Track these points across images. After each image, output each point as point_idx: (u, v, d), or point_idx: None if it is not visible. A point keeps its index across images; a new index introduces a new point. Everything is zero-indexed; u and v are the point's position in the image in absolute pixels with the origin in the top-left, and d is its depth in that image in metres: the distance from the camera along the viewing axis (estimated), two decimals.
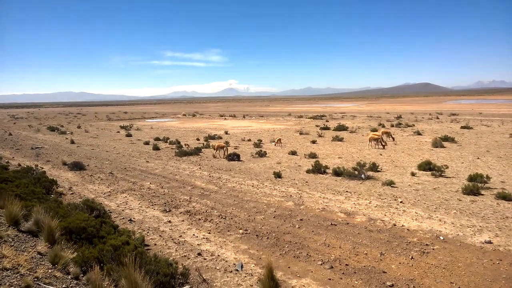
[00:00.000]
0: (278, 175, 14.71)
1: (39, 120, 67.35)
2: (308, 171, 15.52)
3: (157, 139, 29.93)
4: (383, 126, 36.33)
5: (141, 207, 11.05)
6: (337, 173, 14.64)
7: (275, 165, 17.57)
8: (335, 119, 51.76)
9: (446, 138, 24.22)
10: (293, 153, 20.74)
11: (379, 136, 22.89)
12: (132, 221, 9.73)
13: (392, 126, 37.22)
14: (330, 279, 6.43)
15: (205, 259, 7.30)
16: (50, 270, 4.84)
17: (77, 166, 17.02)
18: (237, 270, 6.78)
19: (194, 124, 49.66)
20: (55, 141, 30.37)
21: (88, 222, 6.84)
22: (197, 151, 21.79)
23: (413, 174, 14.50)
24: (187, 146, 24.37)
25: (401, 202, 10.83)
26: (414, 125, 37.02)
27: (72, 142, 28.86)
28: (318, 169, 15.36)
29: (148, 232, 8.84)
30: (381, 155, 19.75)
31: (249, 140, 28.20)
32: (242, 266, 6.90)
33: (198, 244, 8.06)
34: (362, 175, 13.92)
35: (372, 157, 19.05)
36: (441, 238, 8.06)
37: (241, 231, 8.86)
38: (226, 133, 34.93)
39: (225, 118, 62.08)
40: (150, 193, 12.74)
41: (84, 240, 6.43)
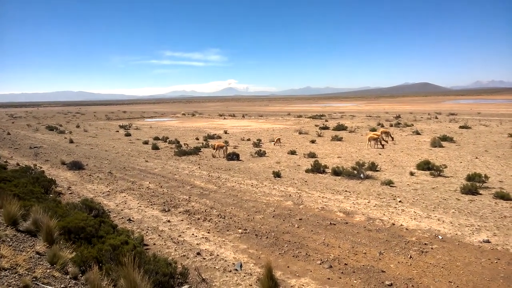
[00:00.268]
0: (277, 174, 14.72)
1: (37, 119, 67.22)
2: (307, 171, 15.53)
3: (156, 138, 29.91)
4: (382, 126, 36.37)
5: (140, 206, 11.04)
6: (336, 172, 14.65)
7: (274, 164, 17.57)
8: (334, 118, 51.78)
9: (445, 138, 24.25)
10: (292, 152, 20.75)
11: (379, 136, 22.91)
12: (131, 220, 9.72)
13: (391, 125, 37.25)
14: (329, 278, 6.44)
15: (204, 258, 7.30)
16: (48, 270, 4.83)
17: (76, 166, 17.00)
18: (236, 269, 6.78)
19: (193, 124, 49.63)
20: (53, 141, 30.32)
21: (87, 221, 6.83)
22: (196, 150, 21.78)
23: (412, 174, 14.53)
24: (186, 145, 24.35)
25: (400, 201, 10.85)
26: (413, 125, 37.05)
27: (71, 141, 28.82)
28: (317, 168, 15.38)
29: (147, 232, 8.83)
30: (380, 154, 19.77)
31: (249, 140, 28.20)
32: (241, 266, 6.90)
33: (197, 244, 8.07)
34: (361, 175, 13.93)
35: (371, 156, 19.07)
36: (440, 237, 8.07)
37: (240, 230, 8.87)
38: (226, 132, 34.92)
39: (225, 118, 62.05)
40: (149, 192, 12.73)
41: (83, 239, 6.43)
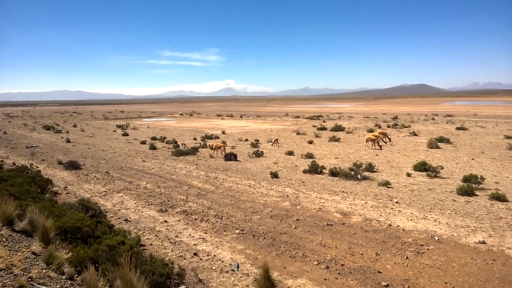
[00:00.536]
0: (275, 175, 14.72)
1: (34, 118, 66.91)
2: (304, 171, 15.54)
3: (154, 138, 29.84)
4: (380, 127, 36.46)
5: (137, 206, 11.02)
6: (334, 173, 14.68)
7: (272, 165, 17.58)
8: (332, 119, 51.87)
9: (442, 139, 24.34)
10: (290, 153, 20.76)
11: (377, 137, 22.93)
12: (128, 220, 9.70)
13: (389, 126, 37.36)
14: (325, 279, 6.45)
15: (201, 259, 7.29)
16: (44, 270, 4.81)
17: (73, 165, 16.95)
18: (233, 270, 6.78)
19: (191, 124, 49.57)
20: (50, 140, 30.21)
21: (83, 221, 6.81)
22: (194, 150, 21.74)
23: (408, 175, 14.57)
24: (184, 145, 24.33)
25: (396, 202, 10.88)
26: (410, 126, 37.16)
27: (68, 141, 28.72)
28: (315, 169, 15.39)
29: (144, 232, 8.81)
30: (377, 155, 19.82)
31: (246, 140, 28.20)
32: (238, 266, 6.90)
33: (194, 244, 8.06)
34: (358, 176, 13.96)
35: (368, 157, 19.12)
36: (436, 238, 8.10)
37: (237, 231, 8.86)
38: (223, 132, 34.90)
39: (222, 118, 62.01)
40: (146, 192, 12.70)
41: (79, 240, 6.41)
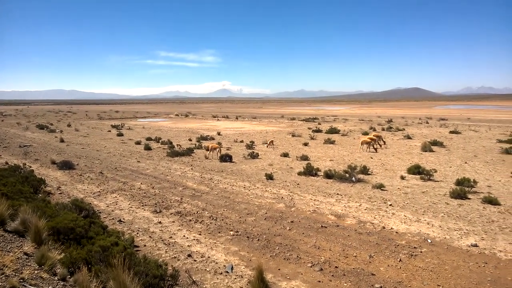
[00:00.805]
0: (269, 177, 14.74)
1: (28, 117, 66.34)
2: (299, 173, 15.58)
3: (149, 139, 29.73)
4: (374, 130, 36.66)
5: (131, 207, 10.96)
6: (328, 175, 14.73)
7: (267, 166, 17.59)
8: (327, 122, 52.07)
9: (435, 143, 24.54)
10: (285, 155, 20.80)
11: (372, 140, 23.02)
12: (121, 221, 9.65)
13: (383, 129, 37.59)
14: (319, 281, 6.46)
15: (195, 260, 7.28)
16: (36, 271, 4.78)
17: (66, 165, 16.83)
18: (227, 272, 6.77)
19: (186, 125, 49.46)
20: (44, 140, 29.97)
21: (77, 222, 6.77)
22: (189, 151, 21.70)
23: (402, 178, 14.66)
24: (179, 146, 24.25)
25: (390, 205, 10.94)
26: (404, 129, 37.43)
27: (62, 140, 28.50)
28: (310, 171, 15.43)
29: (138, 233, 8.77)
30: (371, 158, 19.92)
31: (242, 142, 28.20)
32: (232, 268, 6.89)
33: (188, 246, 8.04)
34: (353, 178, 14.02)
35: (363, 160, 19.21)
36: (429, 241, 8.16)
37: (232, 232, 8.86)
38: (219, 134, 34.86)
39: (218, 119, 61.95)
40: (140, 193, 12.65)
41: (72, 240, 6.36)
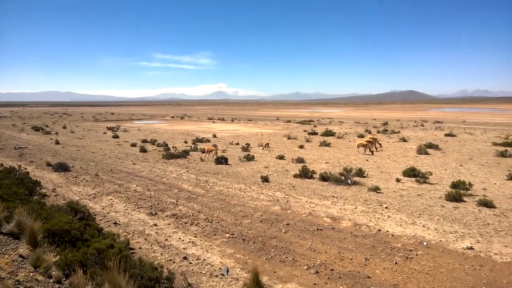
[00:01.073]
0: (265, 179, 14.74)
1: (23, 119, 65.92)
2: (295, 176, 15.59)
3: (145, 141, 29.63)
4: (370, 132, 36.82)
5: (126, 209, 10.92)
6: (324, 178, 14.76)
7: (262, 169, 17.60)
8: (322, 124, 52.21)
9: (431, 145, 24.66)
10: (281, 157, 20.82)
11: (368, 143, 23.09)
12: (117, 224, 9.60)
13: (379, 132, 37.74)
14: (315, 284, 6.47)
15: (190, 263, 7.26)
16: (31, 274, 4.74)
17: (62, 167, 16.73)
18: (222, 274, 6.76)
19: (182, 127, 49.37)
20: (39, 141, 29.77)
21: (72, 224, 6.73)
22: (184, 153, 21.65)
23: (398, 180, 14.72)
24: (174, 148, 24.20)
25: (386, 207, 10.98)
26: (399, 132, 37.61)
27: (57, 142, 28.33)
28: (305, 173, 15.46)
29: (133, 236, 8.74)
30: (367, 161, 19.99)
31: (237, 144, 28.19)
32: (228, 271, 6.88)
33: (184, 248, 8.01)
34: (349, 181, 14.06)
35: (358, 162, 19.27)
36: (425, 243, 8.20)
37: (227, 235, 8.85)
38: (214, 136, 34.83)
39: (214, 121, 61.91)
40: (136, 195, 12.60)
41: (68, 243, 6.32)
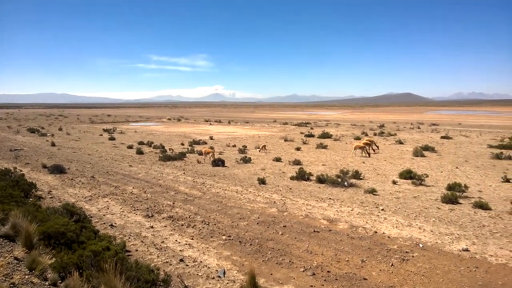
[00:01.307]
0: (262, 181, 14.74)
1: (18, 121, 65.61)
2: (292, 178, 15.61)
3: (141, 143, 29.57)
4: (366, 135, 36.94)
5: (123, 212, 10.88)
6: (321, 180, 14.78)
7: (259, 171, 17.60)
8: (319, 126, 52.32)
9: (427, 148, 24.78)
10: (278, 159, 20.83)
11: (366, 145, 23.16)
12: (113, 226, 9.57)
13: (375, 134, 37.88)
14: (312, 286, 6.47)
15: (187, 265, 7.24)
16: (27, 276, 4.72)
17: (58, 169, 16.65)
18: (219, 276, 6.75)
19: (178, 129, 49.31)
20: (35, 143, 29.63)
21: (68, 227, 6.70)
22: (181, 156, 21.62)
23: (394, 182, 14.77)
24: (171, 150, 24.17)
25: (382, 209, 11.01)
26: (396, 134, 37.75)
27: (53, 144, 28.20)
28: (302, 176, 15.47)
29: (129, 238, 8.71)
30: (363, 163, 20.04)
31: (234, 146, 28.19)
32: (224, 273, 6.87)
33: (180, 250, 8.00)
34: (345, 183, 14.09)
35: (355, 164, 19.32)
36: (421, 245, 8.23)
37: (224, 237, 8.84)
38: (211, 138, 34.81)
39: (210, 123, 61.89)
40: (132, 197, 12.56)
41: (63, 245, 6.29)
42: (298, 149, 26.21)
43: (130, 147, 27.03)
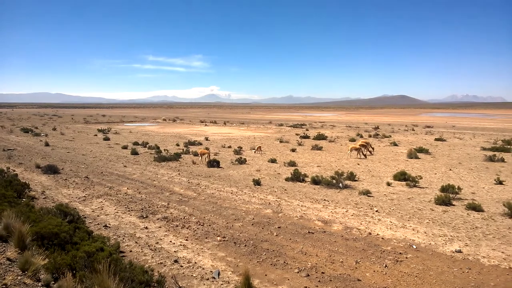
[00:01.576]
0: (257, 182, 14.75)
1: (12, 121, 65.07)
2: (287, 179, 15.63)
3: (136, 143, 29.46)
4: (361, 137, 37.09)
5: (117, 212, 10.83)
6: (316, 181, 14.82)
7: (254, 172, 17.61)
8: (315, 128, 52.46)
9: (421, 150, 24.95)
10: (273, 161, 20.86)
11: (362, 147, 23.24)
12: (107, 227, 9.52)
13: (370, 136, 38.04)
14: (306, 287, 6.49)
15: (181, 266, 7.23)
16: (19, 277, 4.69)
17: (51, 170, 16.54)
18: (214, 277, 6.74)
19: (174, 129, 49.18)
20: (28, 143, 29.41)
21: (61, 227, 6.67)
22: (176, 156, 21.57)
23: (388, 184, 14.85)
24: (166, 151, 24.10)
25: (376, 211, 11.07)
26: (390, 136, 37.96)
27: (47, 144, 28.00)
28: (297, 177, 15.51)
29: (123, 239, 8.67)
30: (358, 164, 20.13)
31: (229, 147, 28.17)
32: (219, 274, 6.87)
33: (175, 251, 7.98)
34: (340, 184, 14.14)
35: (350, 166, 19.40)
36: (414, 247, 8.28)
37: (219, 238, 8.83)
38: (207, 139, 34.76)
39: (206, 124, 61.80)
40: (127, 198, 12.51)
41: (57, 246, 6.26)
42: (293, 150, 26.26)
43: (124, 147, 26.91)
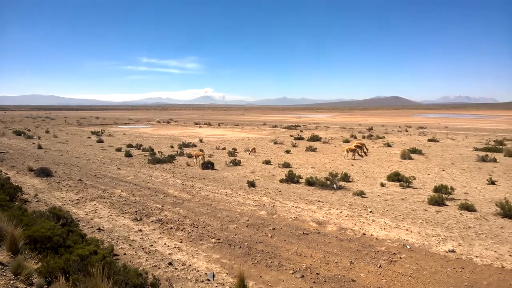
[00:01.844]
0: (251, 184, 14.75)
1: (4, 123, 64.35)
2: (281, 181, 15.66)
3: (130, 145, 29.29)
4: (355, 138, 37.28)
5: (111, 215, 10.76)
6: (310, 183, 14.86)
7: (249, 174, 17.61)
8: (309, 129, 52.62)
9: (414, 150, 25.13)
10: (267, 162, 20.88)
11: (357, 148, 23.36)
12: (101, 230, 9.46)
13: (364, 137, 38.25)
14: None
15: (176, 268, 7.20)
16: (12, 281, 4.64)
17: (44, 172, 16.39)
18: (208, 279, 6.73)
19: (168, 131, 49.02)
20: (21, 146, 29.11)
21: (54, 230, 6.61)
22: (170, 158, 21.50)
23: (382, 185, 14.94)
24: (160, 153, 24.00)
25: (370, 212, 11.12)
26: (384, 137, 38.20)
27: (40, 147, 27.74)
28: (291, 178, 15.53)
29: (117, 241, 8.62)
30: (352, 165, 20.22)
31: (224, 149, 28.14)
32: (213, 276, 6.85)
33: (169, 254, 7.94)
34: (334, 185, 14.19)
35: (344, 167, 19.48)
36: (408, 247, 8.33)
37: (213, 240, 8.81)
38: (201, 141, 34.70)
39: (200, 126, 61.69)
40: (120, 201, 12.44)
41: (50, 249, 6.20)
42: (287, 151, 26.30)
43: (118, 149, 26.76)
